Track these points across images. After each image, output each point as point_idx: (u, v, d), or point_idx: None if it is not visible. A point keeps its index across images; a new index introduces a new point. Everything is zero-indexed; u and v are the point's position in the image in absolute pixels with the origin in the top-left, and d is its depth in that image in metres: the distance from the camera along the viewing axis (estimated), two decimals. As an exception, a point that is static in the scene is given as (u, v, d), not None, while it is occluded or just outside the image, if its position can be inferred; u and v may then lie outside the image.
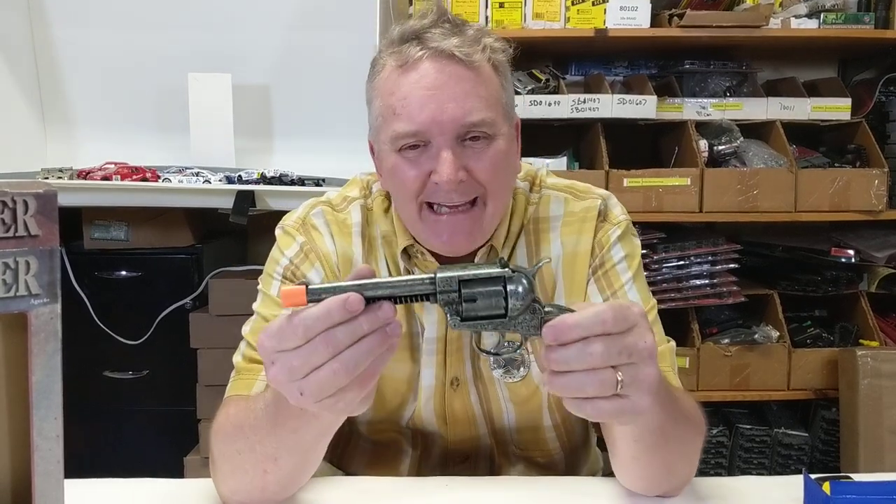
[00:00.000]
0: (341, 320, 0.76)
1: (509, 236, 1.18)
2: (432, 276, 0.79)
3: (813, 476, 0.95)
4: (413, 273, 1.16)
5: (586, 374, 0.75)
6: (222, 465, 0.99)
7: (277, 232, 1.22)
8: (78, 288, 2.56)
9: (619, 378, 0.76)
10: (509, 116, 1.12)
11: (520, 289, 0.78)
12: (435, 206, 1.08)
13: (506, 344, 0.83)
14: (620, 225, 1.19)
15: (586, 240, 1.18)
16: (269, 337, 0.79)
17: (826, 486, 0.93)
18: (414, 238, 1.15)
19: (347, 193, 1.24)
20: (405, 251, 1.16)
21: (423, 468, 1.23)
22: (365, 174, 1.27)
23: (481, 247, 1.14)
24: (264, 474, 0.96)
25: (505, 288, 0.78)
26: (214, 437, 1.01)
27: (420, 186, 1.07)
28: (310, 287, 0.77)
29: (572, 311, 0.77)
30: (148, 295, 2.59)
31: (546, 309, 0.78)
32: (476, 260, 1.14)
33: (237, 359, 1.13)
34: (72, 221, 2.60)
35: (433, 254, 1.14)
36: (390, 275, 1.17)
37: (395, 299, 0.77)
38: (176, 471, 2.36)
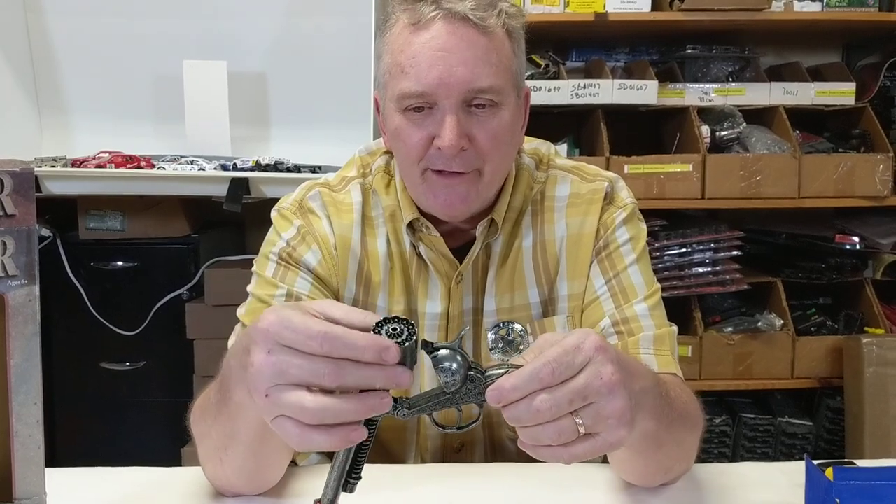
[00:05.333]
0: (364, 359, 0.69)
1: (510, 211, 1.17)
2: None
3: (816, 462, 0.93)
4: (418, 247, 1.15)
5: (542, 427, 0.72)
6: (198, 450, 0.97)
7: (273, 215, 1.20)
8: (74, 278, 2.54)
9: (579, 422, 0.72)
10: (518, 86, 1.11)
11: (453, 365, 0.74)
12: (435, 171, 1.07)
13: (460, 417, 0.81)
14: (626, 208, 1.18)
15: (591, 221, 1.17)
16: (284, 326, 0.69)
17: (829, 472, 0.90)
18: (419, 211, 1.14)
19: (346, 174, 1.23)
20: (410, 225, 1.14)
21: (423, 461, 1.21)
22: (363, 151, 1.25)
23: (482, 220, 1.13)
24: (221, 463, 0.93)
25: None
26: (189, 415, 0.99)
27: (422, 150, 1.06)
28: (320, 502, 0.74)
29: (517, 367, 0.74)
30: (144, 285, 2.57)
31: (487, 374, 0.75)
32: (477, 233, 1.13)
33: (232, 341, 1.11)
34: (67, 212, 2.58)
35: (438, 222, 1.13)
36: (390, 253, 1.17)
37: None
38: (173, 462, 2.34)
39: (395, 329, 0.71)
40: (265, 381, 0.70)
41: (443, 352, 0.75)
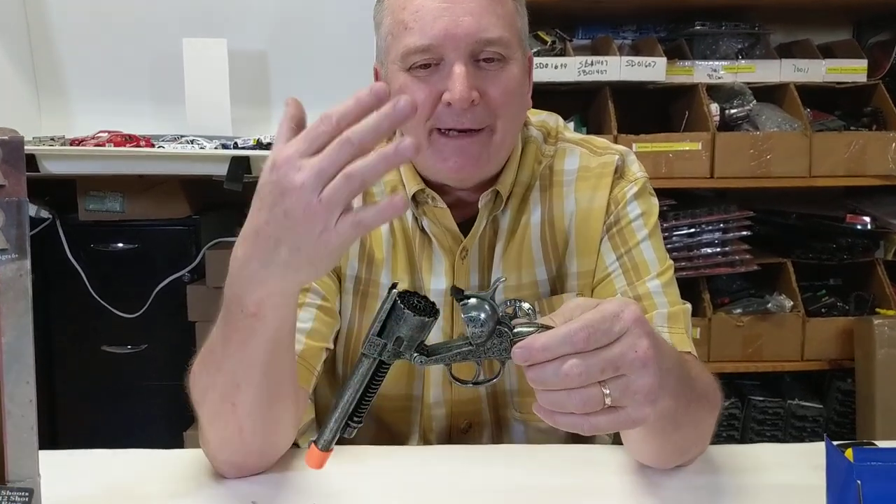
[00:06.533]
0: (371, 107, 0.69)
1: (518, 186, 1.13)
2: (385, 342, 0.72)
3: (835, 443, 0.90)
4: (421, 221, 1.12)
5: (567, 393, 0.69)
6: (201, 415, 0.92)
7: None
8: (73, 261, 2.51)
9: (606, 392, 0.69)
10: (523, 45, 1.07)
11: (482, 315, 0.71)
12: (444, 131, 1.03)
13: (479, 372, 0.77)
14: (637, 182, 1.15)
15: (601, 196, 1.14)
16: (296, 141, 0.71)
17: (849, 453, 0.87)
18: (424, 182, 1.10)
19: None
20: (414, 198, 1.11)
21: (427, 442, 1.18)
22: None
23: (486, 189, 1.09)
24: (234, 408, 0.88)
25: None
26: (189, 383, 0.94)
27: (430, 109, 1.02)
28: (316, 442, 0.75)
29: (548, 327, 0.70)
30: (145, 267, 2.55)
31: (515, 330, 0.72)
32: (480, 205, 1.10)
33: None
34: (66, 193, 2.55)
35: (442, 194, 1.10)
36: (392, 228, 1.14)
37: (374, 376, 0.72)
38: (176, 445, 2.32)
39: (419, 303, 0.69)
40: (308, 193, 0.68)
41: (472, 300, 0.71)
